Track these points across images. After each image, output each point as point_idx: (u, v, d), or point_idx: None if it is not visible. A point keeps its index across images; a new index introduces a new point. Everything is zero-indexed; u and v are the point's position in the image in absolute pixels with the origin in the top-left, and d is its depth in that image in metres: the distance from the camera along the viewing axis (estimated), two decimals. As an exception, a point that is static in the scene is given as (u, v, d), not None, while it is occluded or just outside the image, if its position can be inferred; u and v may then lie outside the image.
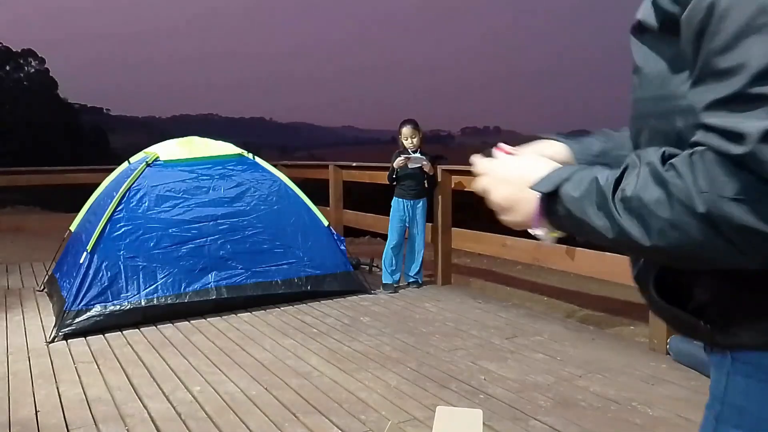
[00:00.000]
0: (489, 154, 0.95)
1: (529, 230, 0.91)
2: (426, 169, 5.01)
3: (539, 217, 0.83)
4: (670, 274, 0.76)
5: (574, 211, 0.78)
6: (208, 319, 4.30)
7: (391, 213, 5.16)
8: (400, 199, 5.10)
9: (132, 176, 4.57)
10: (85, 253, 4.19)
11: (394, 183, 5.12)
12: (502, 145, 0.97)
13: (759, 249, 0.65)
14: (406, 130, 5.07)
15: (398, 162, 4.95)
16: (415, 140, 5.04)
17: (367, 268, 5.89)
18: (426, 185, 5.13)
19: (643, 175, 0.71)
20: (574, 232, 0.82)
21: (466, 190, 5.26)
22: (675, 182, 0.68)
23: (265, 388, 3.10)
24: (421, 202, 5.12)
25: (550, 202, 0.81)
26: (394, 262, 5.12)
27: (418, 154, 5.00)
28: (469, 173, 5.28)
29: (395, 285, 5.09)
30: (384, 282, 5.10)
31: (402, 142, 5.09)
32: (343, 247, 5.03)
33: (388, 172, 5.13)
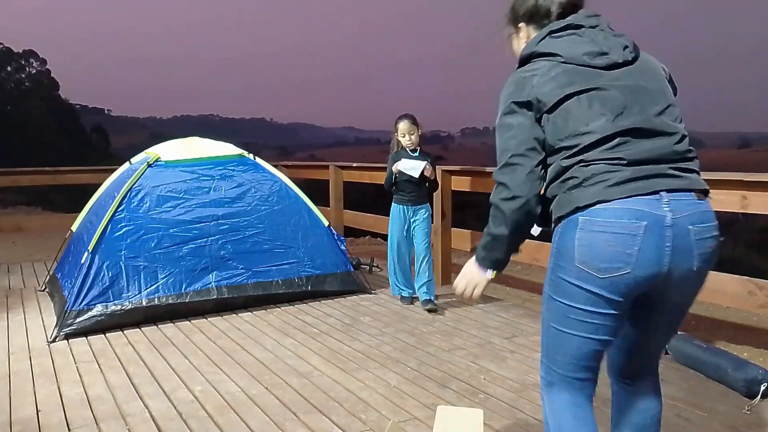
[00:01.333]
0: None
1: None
2: (427, 174, 4.37)
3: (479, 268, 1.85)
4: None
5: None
6: (209, 319, 4.32)
7: (390, 221, 4.64)
8: (399, 206, 4.56)
9: (133, 176, 4.58)
10: (86, 253, 4.20)
11: (393, 188, 4.57)
12: None
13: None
14: (403, 126, 4.41)
15: (396, 168, 4.39)
16: (413, 137, 4.41)
17: (368, 268, 5.90)
18: (428, 188, 4.59)
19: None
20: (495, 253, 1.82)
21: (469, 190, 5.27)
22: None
23: (266, 388, 3.11)
24: (423, 209, 4.54)
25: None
26: (399, 275, 4.65)
27: (417, 156, 4.44)
28: (468, 173, 5.28)
29: (411, 297, 4.68)
30: (392, 294, 4.76)
31: (398, 140, 4.46)
32: (343, 247, 5.04)
33: (385, 178, 4.57)
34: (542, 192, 1.69)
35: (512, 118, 1.68)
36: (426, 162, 4.37)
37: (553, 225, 1.69)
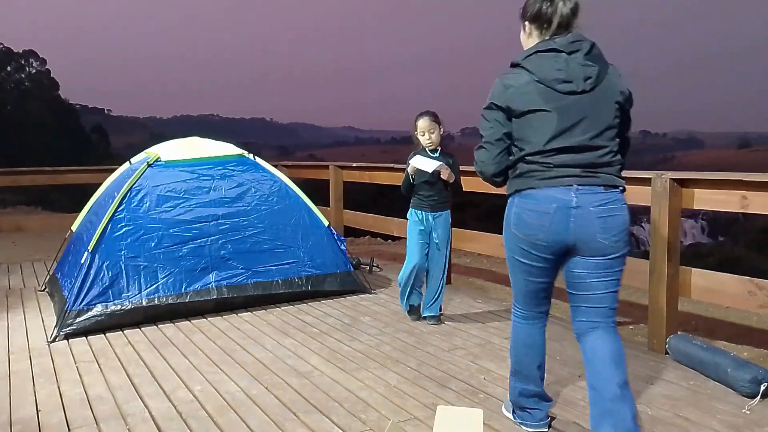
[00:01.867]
0: None
1: None
2: (443, 176, 3.98)
3: None
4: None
5: None
6: (208, 319, 4.32)
7: (408, 227, 4.20)
8: (416, 210, 4.15)
9: (133, 176, 4.58)
10: (86, 253, 4.20)
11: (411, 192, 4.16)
12: None
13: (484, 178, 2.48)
14: (422, 123, 4.03)
15: (411, 168, 4.02)
16: (434, 136, 4.02)
17: (367, 268, 5.90)
18: (451, 192, 4.15)
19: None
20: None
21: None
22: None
23: (266, 388, 3.11)
24: (441, 217, 4.11)
25: None
26: (411, 285, 4.20)
27: (437, 156, 4.05)
28: (469, 173, 5.27)
29: (418, 305, 4.28)
30: (403, 309, 4.33)
31: (418, 139, 4.08)
32: (343, 247, 5.04)
33: (403, 180, 4.15)
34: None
35: (490, 113, 2.38)
36: (441, 162, 3.97)
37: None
